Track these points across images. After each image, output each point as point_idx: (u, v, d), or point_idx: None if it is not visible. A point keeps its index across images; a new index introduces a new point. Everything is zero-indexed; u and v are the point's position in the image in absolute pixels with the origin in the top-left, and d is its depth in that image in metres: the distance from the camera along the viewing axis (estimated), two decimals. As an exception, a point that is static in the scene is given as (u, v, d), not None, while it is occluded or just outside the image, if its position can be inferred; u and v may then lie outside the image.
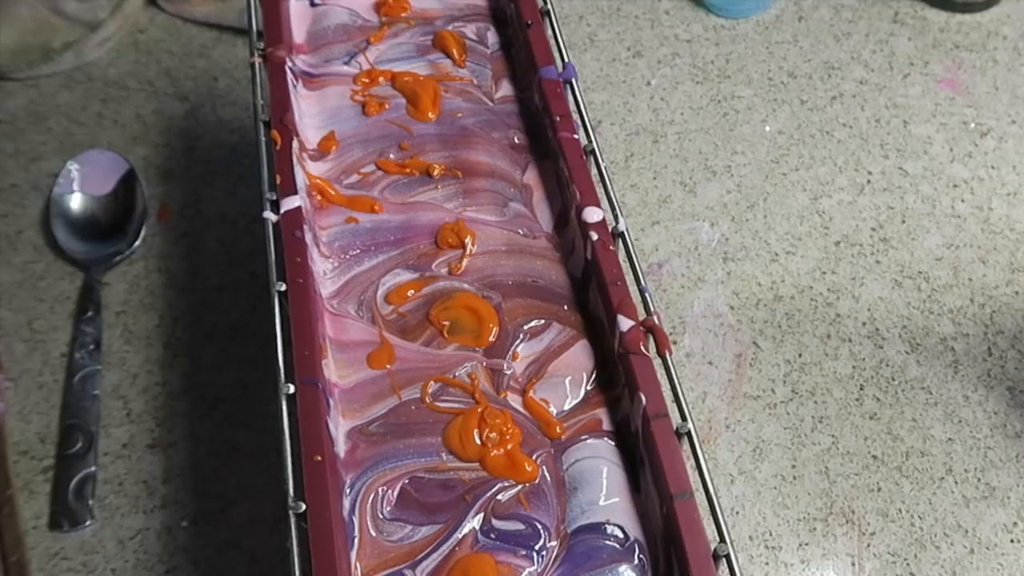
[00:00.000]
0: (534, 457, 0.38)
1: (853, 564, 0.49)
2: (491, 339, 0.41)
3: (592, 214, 0.42)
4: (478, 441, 0.38)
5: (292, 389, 0.37)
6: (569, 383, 0.40)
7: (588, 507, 0.37)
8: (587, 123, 0.46)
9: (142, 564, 0.49)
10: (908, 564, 0.49)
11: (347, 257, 0.44)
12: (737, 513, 0.50)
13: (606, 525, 0.36)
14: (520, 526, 0.36)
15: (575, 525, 0.36)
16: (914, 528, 0.50)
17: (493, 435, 0.38)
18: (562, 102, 0.46)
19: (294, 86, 0.48)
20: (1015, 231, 0.61)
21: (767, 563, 0.49)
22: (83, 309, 0.57)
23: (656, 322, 0.39)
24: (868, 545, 0.49)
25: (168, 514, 0.51)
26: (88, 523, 0.50)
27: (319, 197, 0.45)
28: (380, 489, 0.37)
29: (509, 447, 0.38)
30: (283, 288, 0.40)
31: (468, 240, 0.44)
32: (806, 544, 0.50)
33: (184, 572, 0.49)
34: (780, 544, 0.50)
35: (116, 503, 0.51)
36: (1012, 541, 0.50)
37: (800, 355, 0.56)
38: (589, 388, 0.40)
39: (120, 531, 0.50)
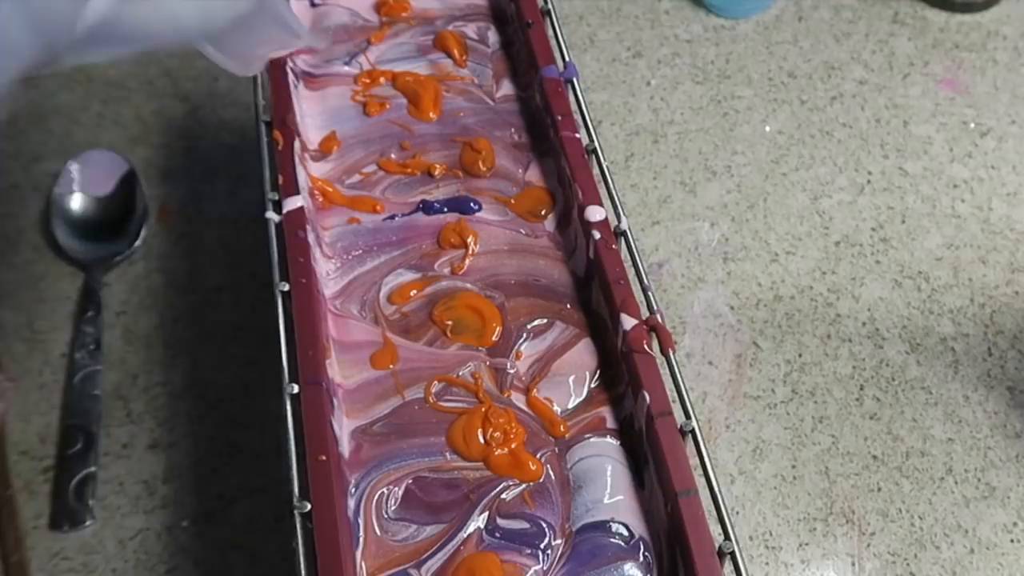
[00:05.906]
0: (538, 456, 0.38)
1: (853, 564, 0.49)
2: (494, 338, 0.41)
3: (594, 213, 0.42)
4: (482, 440, 0.38)
5: (296, 389, 0.37)
6: (572, 381, 0.40)
7: (593, 505, 0.37)
8: (588, 122, 0.46)
9: (142, 564, 0.49)
10: (908, 564, 0.49)
11: (349, 257, 0.44)
12: (737, 513, 0.50)
13: (611, 523, 0.36)
14: (525, 525, 0.36)
15: (580, 523, 0.36)
16: (914, 528, 0.50)
17: (497, 434, 0.38)
18: (563, 101, 0.46)
19: (295, 86, 0.48)
20: (1015, 231, 0.61)
21: (767, 563, 0.49)
22: (83, 309, 0.57)
23: (659, 320, 0.39)
24: (868, 545, 0.50)
25: (168, 514, 0.50)
26: (88, 523, 0.50)
27: (321, 198, 0.45)
28: (385, 489, 0.37)
29: (513, 446, 0.38)
30: (286, 288, 0.40)
31: (470, 239, 0.44)
32: (806, 544, 0.50)
33: (184, 572, 0.49)
34: (780, 544, 0.50)
35: (116, 503, 0.51)
36: (1012, 541, 0.50)
37: (800, 355, 0.56)
38: (592, 386, 0.40)
39: (120, 531, 0.50)
